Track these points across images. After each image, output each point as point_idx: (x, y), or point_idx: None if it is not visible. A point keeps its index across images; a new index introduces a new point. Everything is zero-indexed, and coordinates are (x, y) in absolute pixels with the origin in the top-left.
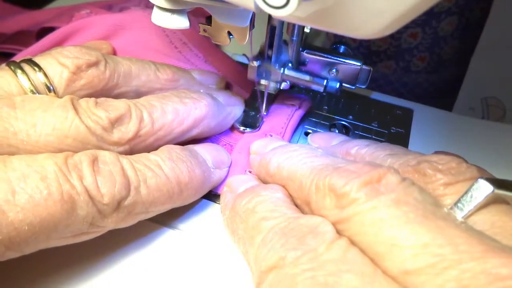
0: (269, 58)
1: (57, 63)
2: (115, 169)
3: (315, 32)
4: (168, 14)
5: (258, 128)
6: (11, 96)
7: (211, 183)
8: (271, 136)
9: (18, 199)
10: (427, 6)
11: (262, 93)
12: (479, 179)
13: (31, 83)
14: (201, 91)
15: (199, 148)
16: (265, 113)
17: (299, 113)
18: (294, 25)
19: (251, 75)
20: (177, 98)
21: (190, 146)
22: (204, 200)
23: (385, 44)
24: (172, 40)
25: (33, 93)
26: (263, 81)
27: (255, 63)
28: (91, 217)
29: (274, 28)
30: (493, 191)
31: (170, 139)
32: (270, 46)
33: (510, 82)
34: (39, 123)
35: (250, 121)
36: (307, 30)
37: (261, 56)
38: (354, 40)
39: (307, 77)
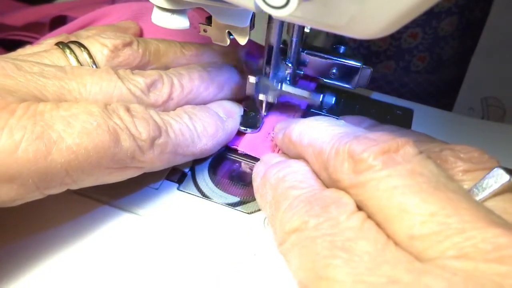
0: (267, 75)
1: (98, 43)
2: (145, 115)
3: (315, 32)
4: (168, 14)
5: (258, 129)
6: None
7: (225, 131)
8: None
9: (74, 128)
10: (427, 6)
11: (261, 101)
12: (496, 168)
13: (77, 60)
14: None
15: (209, 104)
16: (265, 114)
17: (300, 114)
18: (294, 25)
19: (250, 90)
20: (201, 67)
21: (202, 105)
22: (164, 187)
23: (385, 44)
24: (191, 21)
25: None
26: (261, 96)
27: (254, 79)
28: (133, 150)
29: (271, 47)
30: (509, 180)
31: (198, 102)
32: (268, 63)
33: (510, 82)
34: (89, 83)
35: (251, 121)
36: (307, 30)
37: (259, 72)
38: (354, 40)
39: (304, 93)
